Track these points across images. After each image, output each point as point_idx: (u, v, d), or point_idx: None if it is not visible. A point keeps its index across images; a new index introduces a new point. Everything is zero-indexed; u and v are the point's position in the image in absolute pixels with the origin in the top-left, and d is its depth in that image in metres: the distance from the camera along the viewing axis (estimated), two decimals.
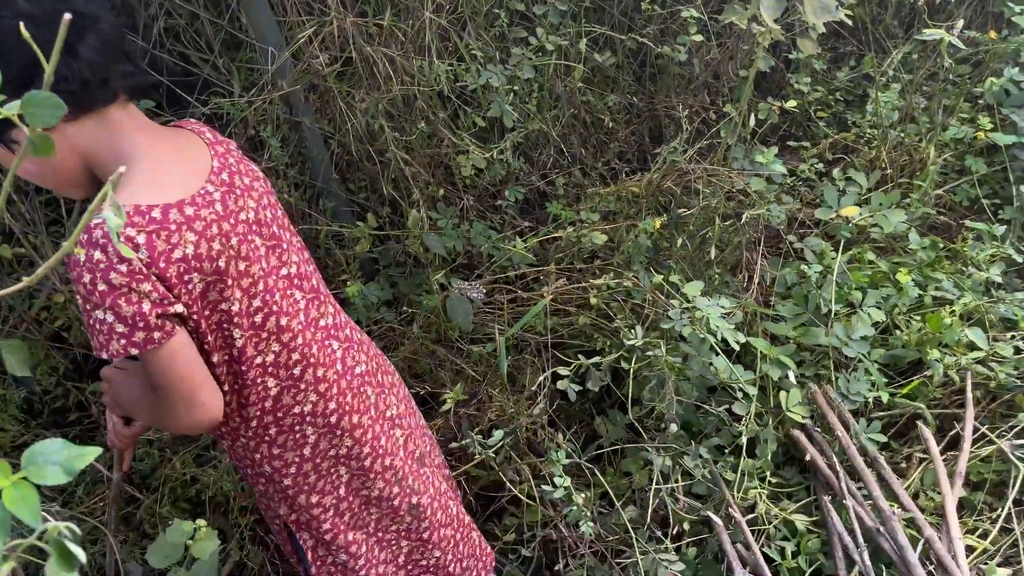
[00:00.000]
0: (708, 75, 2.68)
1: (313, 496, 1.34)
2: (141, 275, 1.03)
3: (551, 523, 1.85)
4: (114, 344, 1.05)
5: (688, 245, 2.05)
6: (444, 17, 2.30)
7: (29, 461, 0.71)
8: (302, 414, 1.27)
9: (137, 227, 1.03)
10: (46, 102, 0.71)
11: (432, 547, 1.50)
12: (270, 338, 1.21)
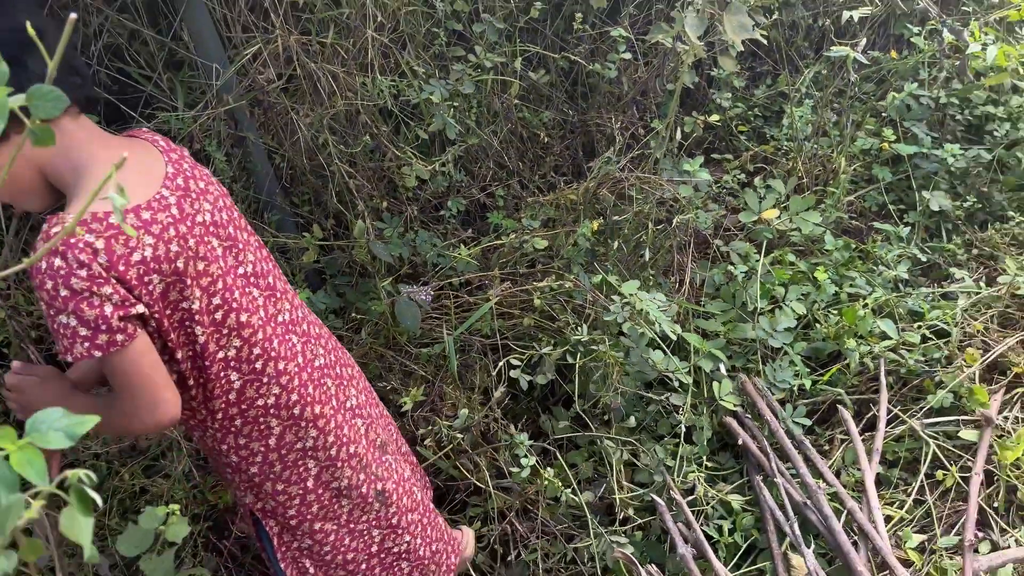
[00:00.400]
0: (636, 92, 2.83)
1: (279, 484, 1.38)
2: (101, 279, 1.07)
3: (510, 511, 1.93)
4: (78, 347, 1.08)
5: (624, 248, 2.17)
6: (386, 35, 2.39)
7: (33, 428, 0.77)
8: (266, 406, 1.32)
9: (95, 233, 1.07)
10: (49, 95, 0.78)
11: (402, 532, 1.56)
12: (231, 334, 1.26)
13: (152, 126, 2.27)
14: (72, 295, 1.06)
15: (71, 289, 1.05)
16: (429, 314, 2.31)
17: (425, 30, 2.52)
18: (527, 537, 1.97)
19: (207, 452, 1.40)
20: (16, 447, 0.74)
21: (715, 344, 2.06)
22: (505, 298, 2.21)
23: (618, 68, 2.61)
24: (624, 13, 2.77)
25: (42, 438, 0.76)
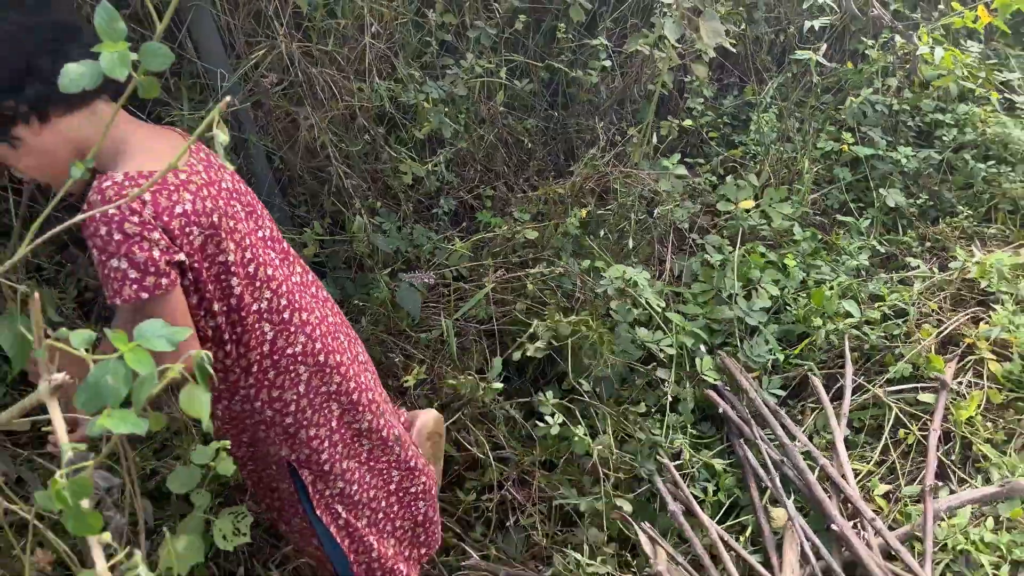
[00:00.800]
0: (614, 100, 3.02)
1: (311, 430, 1.50)
2: (150, 225, 1.20)
3: (507, 481, 2.05)
4: (127, 290, 1.19)
5: (609, 237, 2.34)
6: (382, 43, 2.55)
7: (140, 335, 0.90)
8: (294, 355, 1.45)
9: (141, 187, 1.19)
10: (158, 51, 0.93)
11: (418, 474, 1.69)
12: (262, 286, 1.39)
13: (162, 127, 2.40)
14: (124, 239, 1.17)
15: (124, 233, 1.17)
16: (427, 301, 2.44)
17: (418, 39, 2.68)
18: (524, 505, 2.10)
19: (232, 423, 1.49)
20: (128, 348, 0.87)
21: (696, 324, 2.23)
22: (499, 285, 2.36)
23: (598, 76, 2.79)
24: (601, 27, 2.97)
25: (149, 342, 0.89)
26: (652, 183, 2.34)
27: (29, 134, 1.23)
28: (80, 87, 0.91)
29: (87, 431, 0.83)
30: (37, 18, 1.22)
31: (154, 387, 0.81)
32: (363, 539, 1.63)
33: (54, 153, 1.25)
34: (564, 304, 2.22)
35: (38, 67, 1.19)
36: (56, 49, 1.21)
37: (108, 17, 0.93)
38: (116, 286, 1.20)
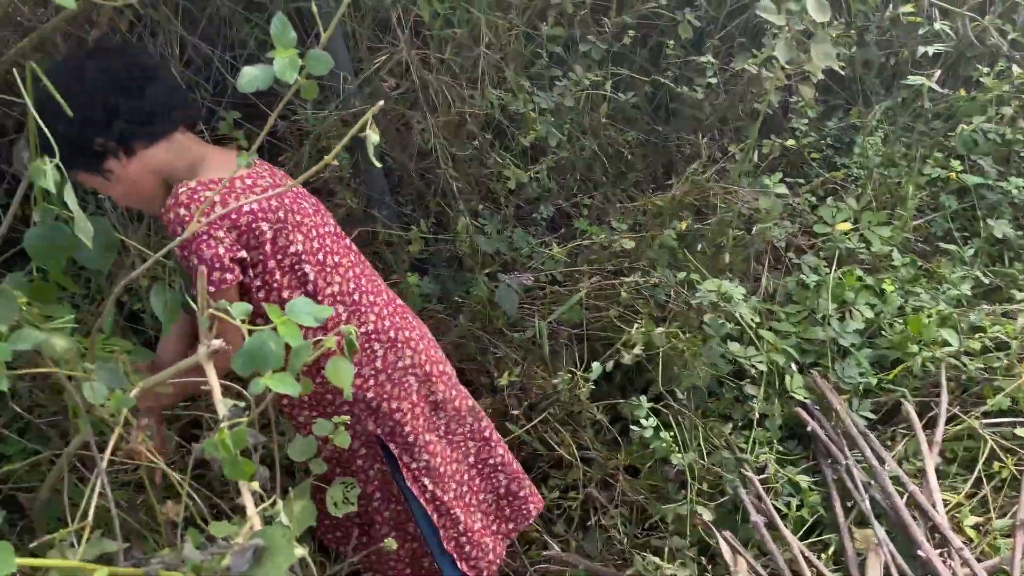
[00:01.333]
0: (717, 116, 3.05)
1: (393, 403, 1.60)
2: (216, 224, 1.36)
3: (591, 482, 2.12)
4: (203, 284, 1.36)
5: (706, 252, 2.37)
6: (495, 53, 2.66)
7: (291, 311, 1.01)
8: (367, 333, 1.58)
9: (213, 190, 1.37)
10: (321, 57, 1.04)
11: (495, 445, 1.79)
12: (332, 271, 1.54)
13: (287, 123, 2.57)
14: (195, 236, 1.34)
15: (195, 232, 1.33)
16: (522, 302, 2.53)
17: (529, 51, 2.78)
18: (606, 506, 2.15)
19: (319, 405, 1.59)
20: (281, 321, 0.98)
21: (788, 342, 2.24)
22: (593, 292, 2.43)
23: (703, 93, 2.83)
24: (708, 44, 3.00)
25: (297, 316, 1.00)
26: (752, 200, 2.36)
27: (118, 166, 1.41)
28: (255, 87, 1.03)
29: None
30: (118, 63, 1.40)
31: (309, 355, 0.91)
32: (450, 512, 1.71)
33: (141, 182, 1.44)
34: (656, 314, 2.27)
35: (121, 107, 1.37)
36: (138, 89, 1.39)
37: (282, 26, 1.05)
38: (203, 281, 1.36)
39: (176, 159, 1.44)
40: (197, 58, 2.58)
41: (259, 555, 0.85)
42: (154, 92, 1.40)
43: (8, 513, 2.10)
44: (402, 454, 1.65)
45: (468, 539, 1.74)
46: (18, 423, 2.16)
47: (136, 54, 1.47)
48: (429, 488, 1.67)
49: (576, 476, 2.14)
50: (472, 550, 1.74)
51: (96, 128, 1.36)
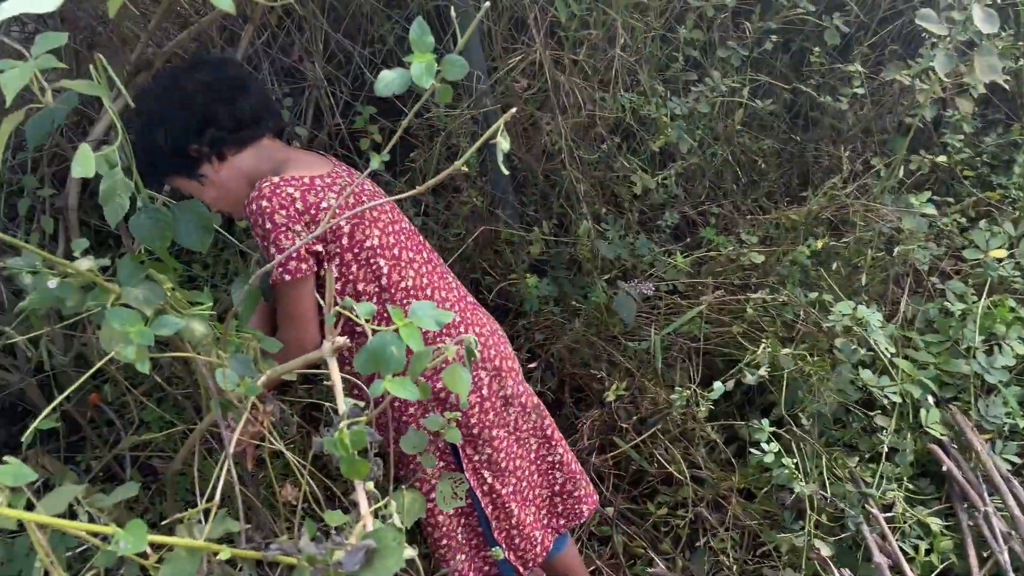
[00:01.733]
0: (860, 128, 2.89)
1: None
2: (295, 219, 1.41)
3: (701, 501, 2.06)
4: (275, 273, 1.44)
5: (840, 272, 2.25)
6: (630, 55, 2.61)
7: (413, 315, 1.01)
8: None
9: (293, 186, 1.44)
10: (457, 62, 1.03)
11: (555, 444, 1.80)
12: (406, 266, 1.58)
13: (420, 121, 2.62)
14: (274, 228, 1.41)
15: (274, 223, 1.41)
16: (640, 311, 2.48)
17: (665, 54, 2.72)
18: (716, 528, 2.08)
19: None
20: (403, 324, 0.99)
21: (925, 374, 2.10)
22: (715, 306, 2.35)
23: (847, 103, 2.69)
24: (856, 52, 2.85)
25: (419, 320, 1.00)
26: (895, 219, 2.22)
27: (211, 171, 1.51)
28: (391, 91, 1.05)
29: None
30: (216, 76, 1.51)
31: (428, 362, 0.92)
32: (505, 505, 1.73)
33: (231, 186, 1.53)
34: (783, 334, 2.18)
35: (216, 116, 1.48)
36: (230, 100, 1.50)
37: (420, 30, 1.06)
38: (276, 270, 1.44)
39: (263, 163, 1.53)
40: (339, 53, 2.67)
41: (370, 556, 0.86)
42: (244, 102, 1.51)
43: (143, 476, 2.25)
44: (465, 446, 1.66)
45: (519, 532, 1.75)
46: (158, 393, 2.31)
47: (228, 67, 1.57)
48: (488, 481, 1.69)
49: (686, 494, 2.09)
50: (521, 542, 1.76)
51: (192, 135, 1.48)
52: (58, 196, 2.14)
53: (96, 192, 2.79)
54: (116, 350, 1.05)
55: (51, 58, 0.82)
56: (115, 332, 1.08)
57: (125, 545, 0.81)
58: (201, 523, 1.09)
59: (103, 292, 1.11)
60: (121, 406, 2.20)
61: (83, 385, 2.21)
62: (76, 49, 2.39)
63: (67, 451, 2.26)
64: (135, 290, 1.15)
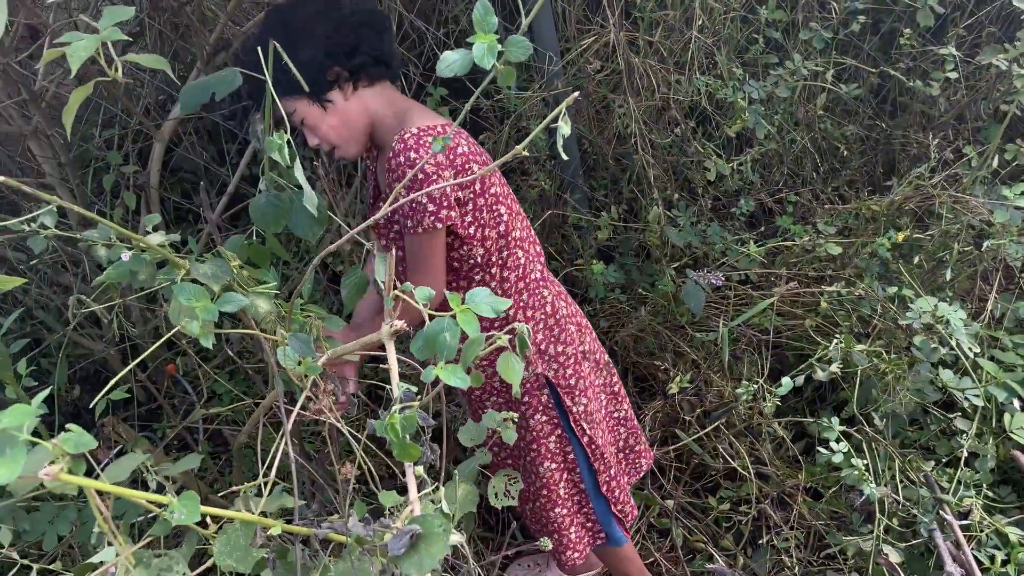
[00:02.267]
0: (953, 115, 2.74)
1: (559, 346, 1.67)
2: (442, 166, 1.42)
3: (765, 498, 2.00)
4: (426, 220, 1.43)
5: (923, 266, 2.15)
6: (708, 37, 2.54)
7: (470, 300, 1.00)
8: (536, 279, 1.65)
9: (432, 135, 1.44)
10: (520, 43, 1.01)
11: (621, 400, 1.83)
12: (519, 218, 1.61)
13: (490, 103, 2.61)
14: (426, 177, 1.41)
15: (424, 173, 1.40)
16: (709, 300, 2.43)
17: (745, 35, 2.63)
18: (780, 526, 2.03)
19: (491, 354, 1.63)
20: (460, 310, 0.98)
21: (1012, 376, 1.99)
22: (787, 298, 2.27)
23: (941, 87, 2.55)
24: (951, 34, 2.70)
25: (477, 307, 0.99)
26: (986, 212, 2.10)
27: (340, 99, 1.50)
28: (454, 72, 1.04)
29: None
30: (367, 7, 1.52)
31: (481, 349, 0.91)
32: (604, 457, 1.76)
33: (353, 119, 1.52)
34: (858, 329, 2.09)
35: (365, 43, 1.48)
36: (379, 31, 1.50)
37: (484, 11, 1.04)
38: (417, 218, 1.44)
39: (385, 107, 1.53)
40: (412, 34, 2.68)
41: (415, 541, 0.86)
42: (388, 36, 1.53)
43: (213, 447, 2.33)
44: (564, 397, 1.69)
45: (617, 483, 1.79)
46: (230, 365, 2.38)
47: (372, 3, 1.62)
48: (588, 432, 1.72)
49: (749, 490, 2.03)
50: (620, 494, 1.80)
51: (340, 57, 1.46)
52: (140, 173, 2.22)
53: (176, 169, 2.88)
54: (183, 324, 1.08)
55: (117, 31, 0.84)
56: (182, 307, 1.10)
57: (179, 515, 0.83)
58: (260, 494, 1.12)
59: (173, 267, 1.14)
60: (195, 378, 2.27)
61: (158, 356, 2.30)
62: (160, 29, 2.46)
63: (144, 419, 2.36)
64: (203, 266, 1.17)
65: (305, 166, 2.52)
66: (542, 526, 1.80)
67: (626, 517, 1.84)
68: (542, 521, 1.79)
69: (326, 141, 1.53)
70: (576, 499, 1.79)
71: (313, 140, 1.53)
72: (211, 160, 2.75)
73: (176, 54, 2.59)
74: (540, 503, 1.77)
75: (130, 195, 2.22)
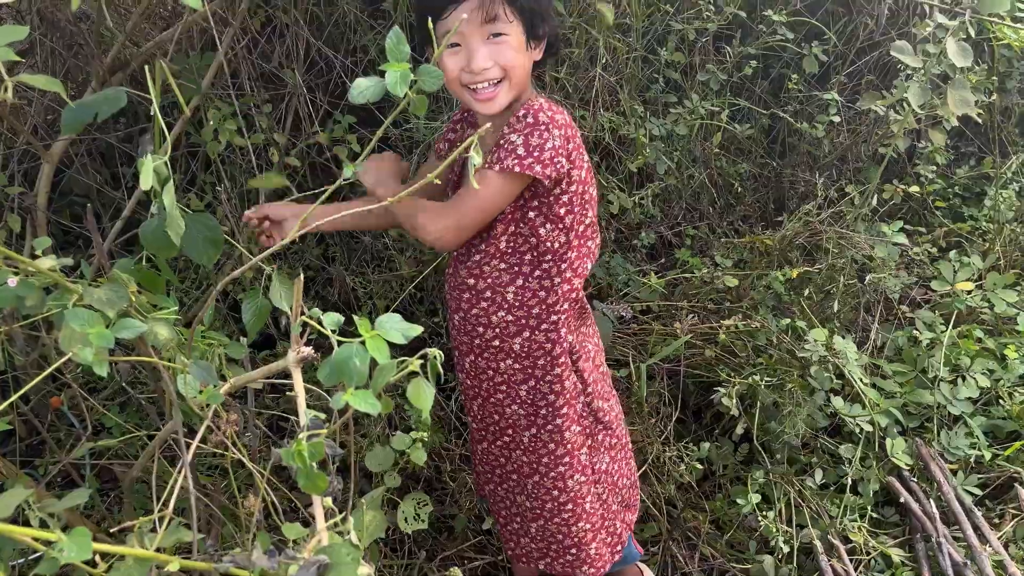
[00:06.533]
0: (836, 155, 2.92)
1: (585, 328, 1.68)
2: (570, 132, 1.41)
3: (671, 538, 2.05)
4: (508, 160, 1.37)
5: (813, 298, 2.27)
6: (611, 75, 2.63)
7: (380, 326, 1.00)
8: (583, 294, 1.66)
9: (555, 111, 1.42)
10: (432, 72, 1.03)
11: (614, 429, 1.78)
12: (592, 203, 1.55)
13: (401, 132, 2.61)
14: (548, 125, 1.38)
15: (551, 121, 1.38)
16: (614, 331, 2.48)
17: (646, 75, 2.74)
18: (686, 565, 2.07)
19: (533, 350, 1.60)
20: (369, 336, 0.97)
21: (892, 403, 2.11)
22: (688, 330, 2.35)
23: (824, 130, 2.72)
24: (834, 80, 2.89)
25: (386, 333, 0.99)
26: (867, 247, 2.24)
27: (534, 52, 1.46)
28: (365, 99, 1.05)
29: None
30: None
31: (392, 375, 0.90)
32: (626, 446, 1.80)
33: (525, 74, 1.45)
34: (754, 360, 2.18)
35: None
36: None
37: (396, 40, 1.06)
38: (501, 155, 1.38)
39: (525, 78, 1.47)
40: (320, 61, 2.66)
41: (323, 572, 0.84)
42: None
43: (101, 483, 2.21)
44: (579, 380, 1.65)
45: (633, 483, 1.86)
46: (120, 396, 2.27)
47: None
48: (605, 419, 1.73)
49: (660, 529, 2.07)
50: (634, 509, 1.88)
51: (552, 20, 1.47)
52: (27, 195, 2.11)
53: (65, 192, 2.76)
54: (74, 351, 1.03)
55: (8, 51, 0.80)
56: (74, 333, 1.05)
57: (69, 552, 0.78)
58: (155, 530, 1.07)
59: (65, 292, 1.09)
60: (84, 410, 2.16)
61: (43, 388, 2.18)
62: (53, 47, 2.36)
63: (26, 455, 2.22)
64: (98, 291, 1.12)
65: (207, 190, 2.46)
66: (556, 543, 1.75)
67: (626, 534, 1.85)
68: (557, 537, 1.74)
69: (509, 69, 1.43)
70: (600, 513, 1.75)
71: (501, 58, 1.42)
72: (104, 183, 2.64)
73: (68, 73, 2.49)
74: (562, 518, 1.71)
75: (14, 217, 2.11)
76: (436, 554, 2.02)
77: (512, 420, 1.64)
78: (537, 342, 1.57)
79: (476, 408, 1.69)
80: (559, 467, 1.65)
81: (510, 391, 1.62)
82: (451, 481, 2.13)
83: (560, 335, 1.56)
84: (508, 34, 1.40)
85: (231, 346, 1.36)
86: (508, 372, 1.60)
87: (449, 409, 2.34)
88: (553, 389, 1.60)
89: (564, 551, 1.74)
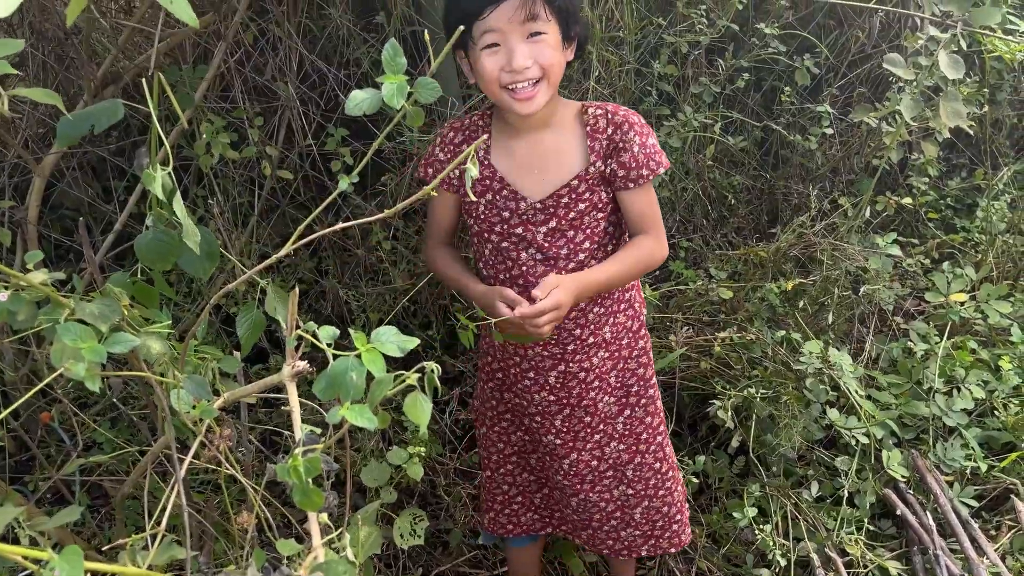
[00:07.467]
0: (829, 167, 2.93)
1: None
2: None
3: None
4: (664, 158, 1.52)
5: (807, 309, 2.27)
6: (604, 88, 2.63)
7: (376, 339, 0.99)
8: None
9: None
10: (429, 85, 1.02)
11: None
12: None
13: (395, 144, 2.61)
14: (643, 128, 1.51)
15: (642, 124, 1.51)
16: None
17: (639, 88, 2.75)
18: None
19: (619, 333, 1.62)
20: (365, 349, 0.97)
21: (887, 415, 2.11)
22: (684, 342, 2.35)
23: (816, 142, 2.73)
24: (826, 93, 2.90)
25: (382, 346, 0.98)
26: (861, 259, 2.25)
27: (567, 49, 1.49)
28: (362, 111, 1.04)
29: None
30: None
31: (389, 389, 0.89)
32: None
33: (560, 72, 1.48)
34: (749, 372, 2.18)
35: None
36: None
37: (393, 52, 1.05)
38: (658, 158, 1.50)
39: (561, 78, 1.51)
40: (313, 74, 2.66)
41: None
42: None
43: (92, 499, 2.18)
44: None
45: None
46: (111, 412, 2.25)
47: None
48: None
49: None
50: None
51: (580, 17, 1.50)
52: (17, 208, 2.09)
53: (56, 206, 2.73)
54: (66, 366, 1.01)
55: (6, 64, 0.80)
56: (67, 348, 1.04)
57: (61, 572, 0.77)
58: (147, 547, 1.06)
59: (56, 306, 1.08)
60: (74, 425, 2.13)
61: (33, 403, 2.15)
62: (44, 60, 2.35)
63: (15, 471, 2.19)
64: (90, 305, 1.11)
65: (199, 204, 2.44)
66: (661, 518, 1.75)
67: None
68: (663, 511, 1.74)
69: (547, 68, 1.43)
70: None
71: (541, 57, 1.42)
72: (96, 196, 2.63)
73: (60, 86, 2.48)
74: (666, 488, 1.73)
75: (5, 231, 2.09)
76: (431, 569, 2.01)
77: (604, 414, 1.66)
78: (620, 324, 1.61)
79: (559, 423, 1.65)
80: (657, 437, 1.71)
81: (601, 384, 1.63)
82: (446, 495, 2.11)
83: (635, 310, 1.64)
84: (547, 33, 1.41)
85: (225, 360, 1.34)
86: (600, 366, 1.61)
87: (443, 423, 2.33)
88: (640, 362, 1.66)
89: (669, 523, 1.76)
